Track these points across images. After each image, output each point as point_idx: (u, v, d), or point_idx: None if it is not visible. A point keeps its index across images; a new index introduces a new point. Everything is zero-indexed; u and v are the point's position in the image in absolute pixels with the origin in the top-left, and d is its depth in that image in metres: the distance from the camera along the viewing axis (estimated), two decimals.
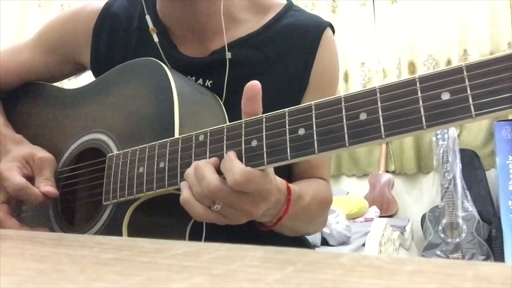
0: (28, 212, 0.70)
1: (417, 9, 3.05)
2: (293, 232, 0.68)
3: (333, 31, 0.74)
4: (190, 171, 0.49)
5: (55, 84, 0.82)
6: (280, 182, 0.54)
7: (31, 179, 0.63)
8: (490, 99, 0.36)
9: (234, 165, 0.46)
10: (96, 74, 0.76)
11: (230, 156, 0.47)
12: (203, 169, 0.48)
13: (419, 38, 3.05)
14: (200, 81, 0.69)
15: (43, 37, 0.80)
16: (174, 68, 0.68)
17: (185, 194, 0.49)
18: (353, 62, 3.22)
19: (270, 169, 0.49)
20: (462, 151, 2.83)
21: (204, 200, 0.48)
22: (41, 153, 0.66)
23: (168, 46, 0.70)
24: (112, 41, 0.74)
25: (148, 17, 0.71)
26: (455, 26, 2.97)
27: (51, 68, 0.80)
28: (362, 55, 3.20)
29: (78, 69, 0.82)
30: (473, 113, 0.36)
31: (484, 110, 0.36)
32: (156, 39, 0.70)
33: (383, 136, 0.40)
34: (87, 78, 0.76)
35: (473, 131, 2.91)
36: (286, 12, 0.73)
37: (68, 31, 0.77)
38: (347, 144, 0.42)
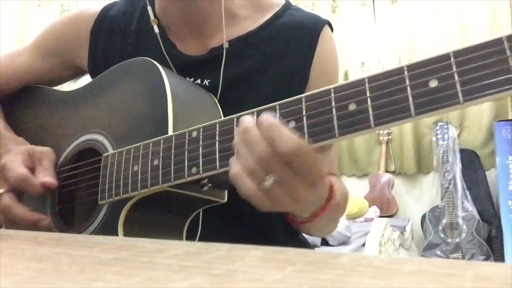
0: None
1: (417, 9, 3.04)
2: (319, 232, 0.65)
3: (332, 29, 0.74)
4: (253, 131, 0.44)
5: (54, 87, 0.83)
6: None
7: (33, 172, 0.64)
8: (477, 84, 0.36)
9: (283, 132, 0.41)
10: (94, 77, 0.76)
11: (274, 123, 0.42)
12: (276, 128, 0.42)
13: (419, 38, 3.05)
14: (199, 80, 0.69)
15: (42, 41, 0.81)
16: (173, 66, 0.68)
17: (236, 168, 0.44)
18: (353, 62, 3.21)
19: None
20: (462, 151, 2.82)
21: (258, 170, 0.43)
22: (41, 148, 0.66)
23: (167, 45, 0.71)
24: (110, 44, 0.75)
25: (149, 8, 0.71)
26: (455, 26, 2.96)
27: (50, 72, 0.81)
28: (362, 55, 3.20)
29: (76, 73, 0.83)
30: (461, 99, 0.37)
31: (472, 96, 0.36)
32: (156, 30, 0.70)
33: (372, 126, 0.40)
34: (86, 82, 0.76)
35: (473, 131, 2.90)
36: (284, 11, 0.73)
37: (66, 35, 0.78)
38: (337, 135, 0.42)
